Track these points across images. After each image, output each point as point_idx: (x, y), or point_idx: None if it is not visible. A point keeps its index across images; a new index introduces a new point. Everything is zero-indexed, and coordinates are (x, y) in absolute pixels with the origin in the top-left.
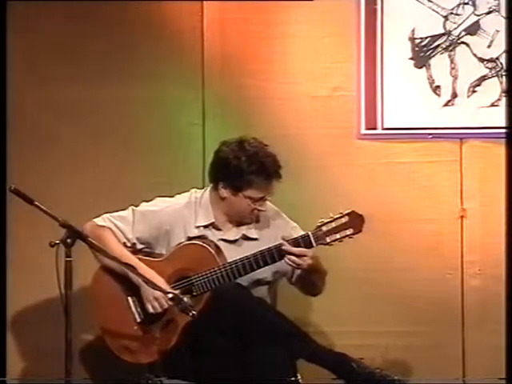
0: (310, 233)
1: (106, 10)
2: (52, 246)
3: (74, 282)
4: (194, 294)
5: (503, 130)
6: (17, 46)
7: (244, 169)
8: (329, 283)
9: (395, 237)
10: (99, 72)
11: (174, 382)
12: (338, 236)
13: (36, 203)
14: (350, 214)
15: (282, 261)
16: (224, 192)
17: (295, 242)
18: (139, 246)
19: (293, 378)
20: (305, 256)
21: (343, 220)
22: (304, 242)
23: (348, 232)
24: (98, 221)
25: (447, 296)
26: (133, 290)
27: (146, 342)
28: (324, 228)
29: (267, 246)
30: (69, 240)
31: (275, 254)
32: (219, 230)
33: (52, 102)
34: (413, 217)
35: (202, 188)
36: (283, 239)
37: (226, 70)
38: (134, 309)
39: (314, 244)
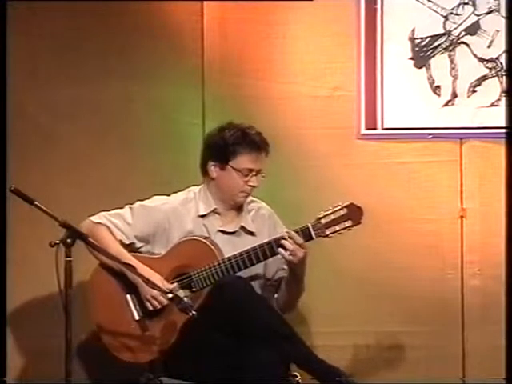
0: (309, 225)
1: (106, 9)
2: (52, 246)
3: (74, 282)
4: (194, 289)
5: (503, 130)
6: (17, 46)
7: (228, 140)
8: (328, 282)
9: (395, 236)
10: (99, 72)
11: (174, 381)
12: (337, 228)
13: (36, 203)
14: (349, 206)
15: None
16: (213, 171)
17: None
18: (138, 245)
19: (296, 378)
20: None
21: (342, 212)
22: (303, 233)
23: (347, 224)
24: (95, 218)
25: (447, 296)
26: (132, 287)
27: (144, 340)
28: (323, 220)
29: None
30: (69, 240)
31: (274, 246)
32: (220, 217)
33: (52, 102)
34: (413, 217)
35: None
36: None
37: (226, 70)
38: (132, 307)
39: (314, 236)
